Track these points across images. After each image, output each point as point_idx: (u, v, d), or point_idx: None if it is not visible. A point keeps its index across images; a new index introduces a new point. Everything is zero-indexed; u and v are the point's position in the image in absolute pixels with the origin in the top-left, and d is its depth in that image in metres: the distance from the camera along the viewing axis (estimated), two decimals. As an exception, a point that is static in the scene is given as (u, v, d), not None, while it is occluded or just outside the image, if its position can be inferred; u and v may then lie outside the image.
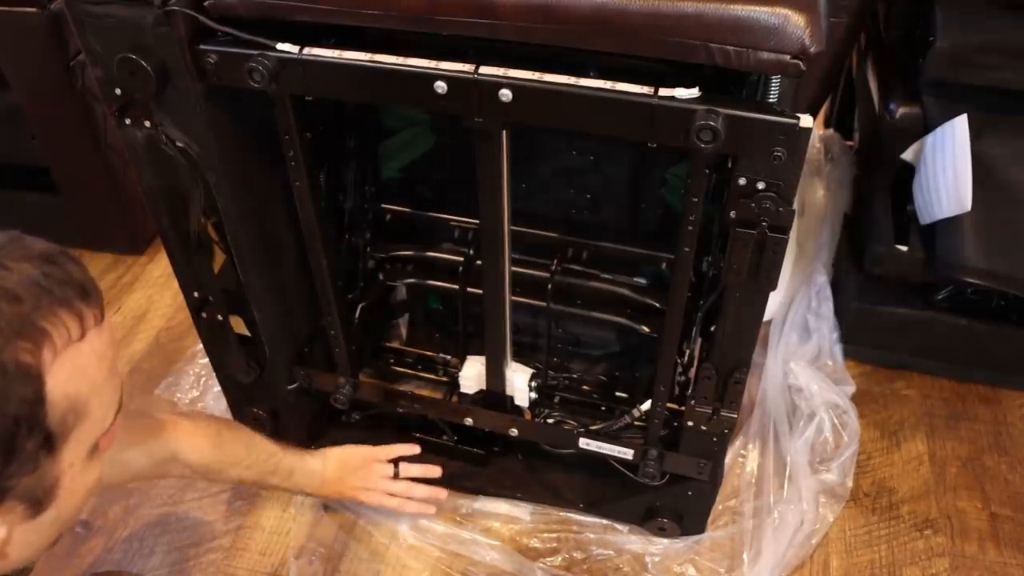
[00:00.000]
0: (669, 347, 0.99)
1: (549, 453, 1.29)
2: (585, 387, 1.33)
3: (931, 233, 1.29)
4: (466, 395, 1.22)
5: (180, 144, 0.93)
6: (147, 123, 0.92)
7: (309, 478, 1.16)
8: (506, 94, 0.79)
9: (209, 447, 1.05)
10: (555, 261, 1.16)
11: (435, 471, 1.22)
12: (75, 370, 0.57)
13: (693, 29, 0.72)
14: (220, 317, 1.13)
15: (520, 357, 1.18)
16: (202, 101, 0.89)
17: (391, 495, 1.20)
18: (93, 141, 1.56)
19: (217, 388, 1.32)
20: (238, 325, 1.16)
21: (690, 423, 1.03)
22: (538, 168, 1.14)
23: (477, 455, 1.30)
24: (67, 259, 0.59)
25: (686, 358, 1.13)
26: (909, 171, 1.31)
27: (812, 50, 0.71)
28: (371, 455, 1.20)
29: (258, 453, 1.11)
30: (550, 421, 1.23)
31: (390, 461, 1.21)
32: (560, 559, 1.21)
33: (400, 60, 0.81)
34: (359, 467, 1.19)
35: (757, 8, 0.71)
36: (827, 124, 1.85)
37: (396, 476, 1.21)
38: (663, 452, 1.09)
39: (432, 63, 0.80)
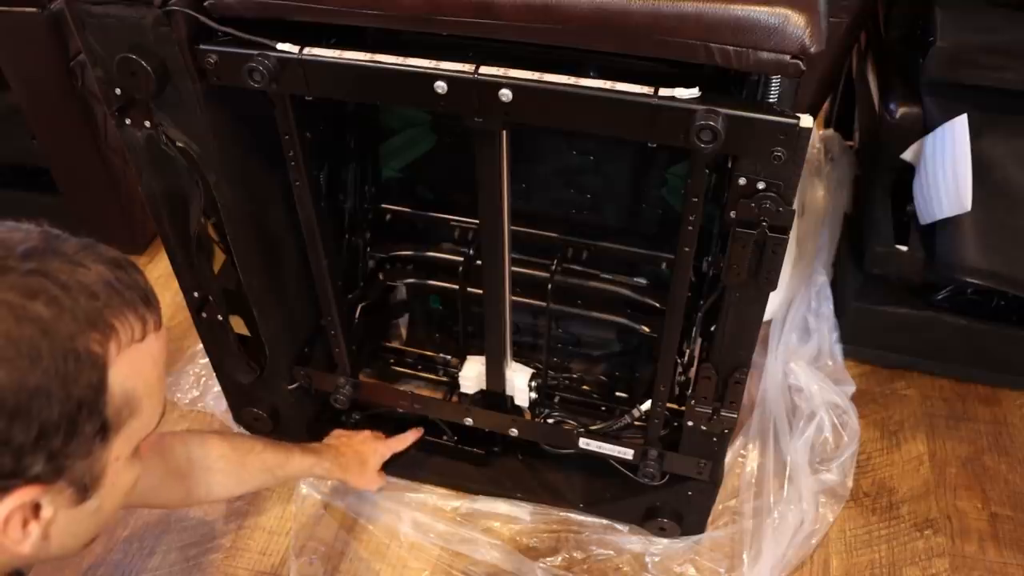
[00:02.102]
0: (669, 347, 0.99)
1: (549, 453, 1.29)
2: (585, 387, 1.33)
3: (931, 233, 1.29)
4: (466, 395, 1.22)
5: (180, 144, 0.93)
6: (147, 123, 0.92)
7: (327, 450, 1.19)
8: (506, 94, 0.79)
9: (218, 441, 1.06)
10: (555, 261, 1.16)
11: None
12: (133, 368, 0.61)
13: (693, 29, 0.72)
14: (220, 317, 1.13)
15: (520, 357, 1.18)
16: (202, 101, 0.89)
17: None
18: (93, 141, 1.55)
19: (217, 388, 1.31)
20: (238, 325, 1.16)
21: (690, 423, 1.03)
22: (538, 168, 1.14)
23: (477, 455, 1.30)
24: (134, 268, 0.64)
25: (686, 358, 1.13)
26: (909, 171, 1.31)
27: (812, 50, 0.71)
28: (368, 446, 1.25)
29: (266, 440, 1.11)
30: (550, 421, 1.23)
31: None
32: (560, 559, 1.21)
33: (400, 60, 0.81)
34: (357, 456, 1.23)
35: (757, 8, 0.71)
36: (827, 124, 1.85)
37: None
38: (663, 452, 1.09)
39: (432, 63, 0.80)
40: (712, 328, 0.96)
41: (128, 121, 0.92)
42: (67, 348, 0.57)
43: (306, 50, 0.83)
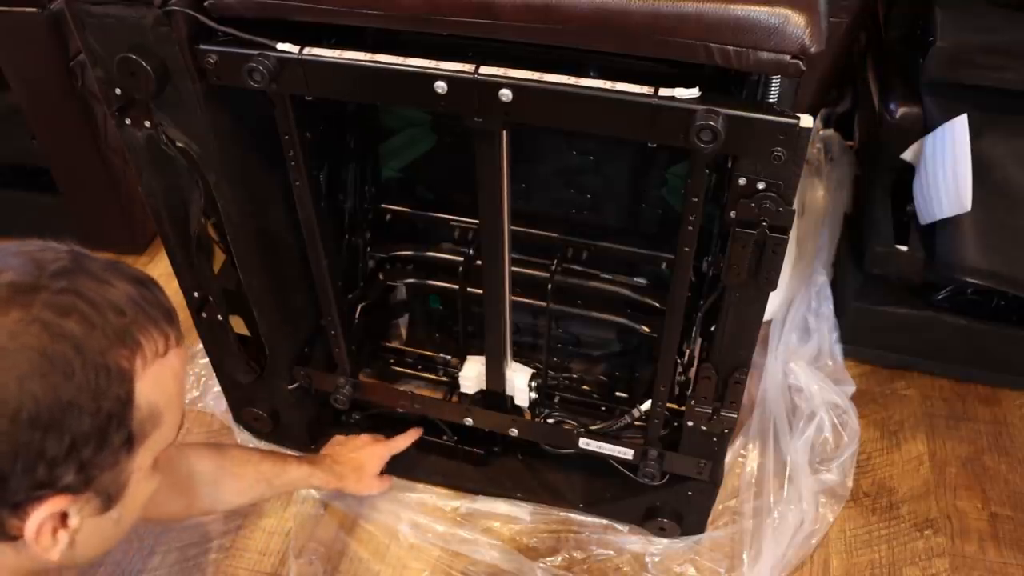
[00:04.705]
0: (669, 347, 0.99)
1: (549, 453, 1.29)
2: (585, 387, 1.33)
3: (931, 233, 1.29)
4: (466, 395, 1.22)
5: (180, 144, 0.93)
6: (147, 123, 0.92)
7: (323, 460, 1.19)
8: (506, 94, 0.79)
9: (215, 453, 1.07)
10: (555, 261, 1.16)
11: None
12: (157, 382, 0.64)
13: (693, 29, 0.73)
14: (220, 317, 1.13)
15: (520, 357, 1.18)
16: (202, 101, 0.89)
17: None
18: (93, 141, 1.55)
19: (217, 388, 1.31)
20: (238, 325, 1.16)
21: (690, 423, 1.03)
22: (538, 168, 1.14)
23: (477, 455, 1.30)
24: (155, 285, 0.67)
25: (686, 358, 1.13)
26: (909, 171, 1.31)
27: (812, 50, 0.71)
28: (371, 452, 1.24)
29: (263, 451, 1.12)
30: (550, 421, 1.23)
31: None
32: (560, 559, 1.21)
33: (400, 60, 0.81)
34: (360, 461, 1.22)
35: (757, 8, 0.71)
36: (827, 124, 1.85)
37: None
38: (663, 452, 1.09)
39: (432, 63, 0.80)
40: (712, 328, 0.96)
41: (128, 121, 0.92)
42: (98, 363, 0.59)
43: (306, 50, 0.83)
